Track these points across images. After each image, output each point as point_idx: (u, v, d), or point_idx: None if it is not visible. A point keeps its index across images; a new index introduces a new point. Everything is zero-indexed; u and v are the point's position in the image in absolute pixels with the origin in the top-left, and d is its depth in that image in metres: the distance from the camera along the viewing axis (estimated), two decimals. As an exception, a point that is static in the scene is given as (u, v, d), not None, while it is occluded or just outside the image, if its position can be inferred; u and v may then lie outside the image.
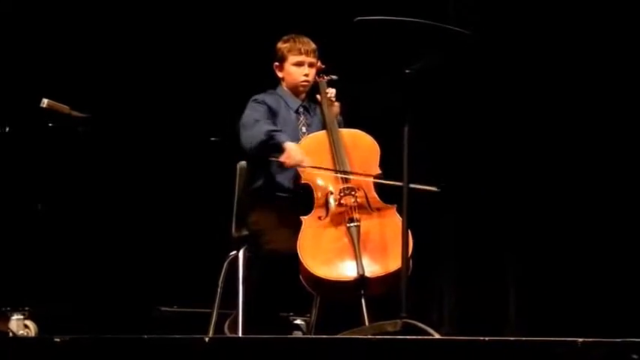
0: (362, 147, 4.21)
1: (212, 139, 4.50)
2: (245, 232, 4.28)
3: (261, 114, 4.19)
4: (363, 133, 4.28)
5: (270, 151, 4.02)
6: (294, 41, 4.35)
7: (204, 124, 5.01)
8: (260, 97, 4.32)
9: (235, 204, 4.38)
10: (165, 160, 5.37)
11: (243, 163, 4.46)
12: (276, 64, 4.39)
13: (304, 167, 3.97)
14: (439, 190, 3.90)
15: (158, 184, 5.30)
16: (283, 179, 4.20)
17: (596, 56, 5.13)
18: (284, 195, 4.21)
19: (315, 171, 3.98)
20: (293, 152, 3.98)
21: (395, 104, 3.83)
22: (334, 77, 4.37)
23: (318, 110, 4.36)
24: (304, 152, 4.03)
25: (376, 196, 4.08)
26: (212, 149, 4.73)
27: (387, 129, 3.97)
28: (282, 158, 3.97)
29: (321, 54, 4.39)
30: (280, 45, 4.39)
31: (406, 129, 3.57)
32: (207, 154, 4.84)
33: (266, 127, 4.03)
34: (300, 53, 4.29)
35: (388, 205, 4.04)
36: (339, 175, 4.02)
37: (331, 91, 4.33)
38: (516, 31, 5.20)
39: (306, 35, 4.39)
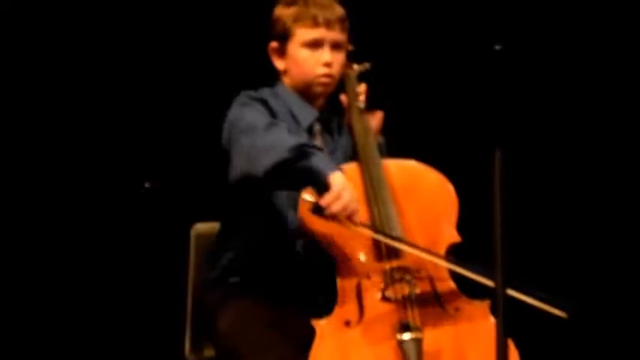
0: (424, 193, 2.83)
1: (145, 185, 2.89)
2: (209, 353, 2.99)
3: (267, 118, 2.75)
4: (425, 167, 2.85)
5: (292, 184, 2.61)
6: (306, 3, 2.87)
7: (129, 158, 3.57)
8: (257, 94, 2.86)
9: (189, 300, 3.05)
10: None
11: (200, 226, 3.10)
12: (274, 45, 2.91)
13: (355, 224, 2.56)
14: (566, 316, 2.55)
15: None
16: (285, 246, 2.80)
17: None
18: (281, 281, 2.80)
19: (360, 231, 2.60)
20: (347, 192, 2.53)
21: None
22: (367, 66, 3.00)
23: (346, 127, 2.97)
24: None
25: (452, 283, 2.70)
26: (144, 202, 3.33)
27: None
28: (327, 200, 2.52)
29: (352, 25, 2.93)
30: (281, 11, 2.90)
31: (498, 154, 2.21)
32: (136, 210, 3.49)
33: (291, 136, 2.64)
34: (317, 24, 2.84)
35: (474, 301, 2.66)
36: (380, 241, 2.64)
37: (362, 90, 2.96)
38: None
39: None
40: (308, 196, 2.51)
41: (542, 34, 3.62)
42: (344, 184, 2.53)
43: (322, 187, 2.50)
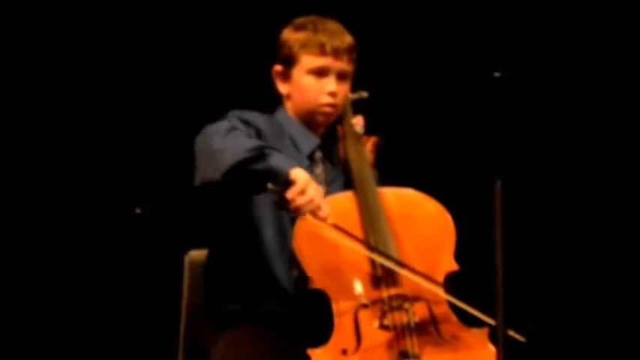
0: (422, 222, 2.73)
1: (135, 210, 2.79)
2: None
3: (244, 132, 2.60)
4: (423, 196, 2.76)
5: (253, 185, 2.47)
6: (315, 29, 2.77)
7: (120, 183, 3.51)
8: (248, 115, 2.73)
9: (182, 327, 2.92)
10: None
11: (195, 254, 2.95)
12: (278, 68, 2.82)
13: (324, 221, 2.47)
14: None
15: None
16: (279, 274, 2.71)
17: None
18: (276, 310, 2.70)
19: (344, 241, 2.52)
20: (310, 187, 2.43)
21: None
22: (364, 95, 2.88)
23: (341, 155, 2.89)
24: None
25: (450, 311, 2.61)
26: (136, 228, 3.24)
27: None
28: (292, 193, 2.41)
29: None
30: (288, 34, 2.81)
31: (498, 183, 2.20)
32: (128, 236, 3.40)
33: (250, 139, 2.54)
34: (324, 53, 2.75)
35: (473, 329, 2.57)
36: (377, 264, 2.58)
37: (359, 122, 2.85)
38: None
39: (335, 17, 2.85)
40: (272, 185, 2.41)
41: (542, 61, 3.59)
42: (307, 178, 2.43)
43: (284, 186, 2.41)
